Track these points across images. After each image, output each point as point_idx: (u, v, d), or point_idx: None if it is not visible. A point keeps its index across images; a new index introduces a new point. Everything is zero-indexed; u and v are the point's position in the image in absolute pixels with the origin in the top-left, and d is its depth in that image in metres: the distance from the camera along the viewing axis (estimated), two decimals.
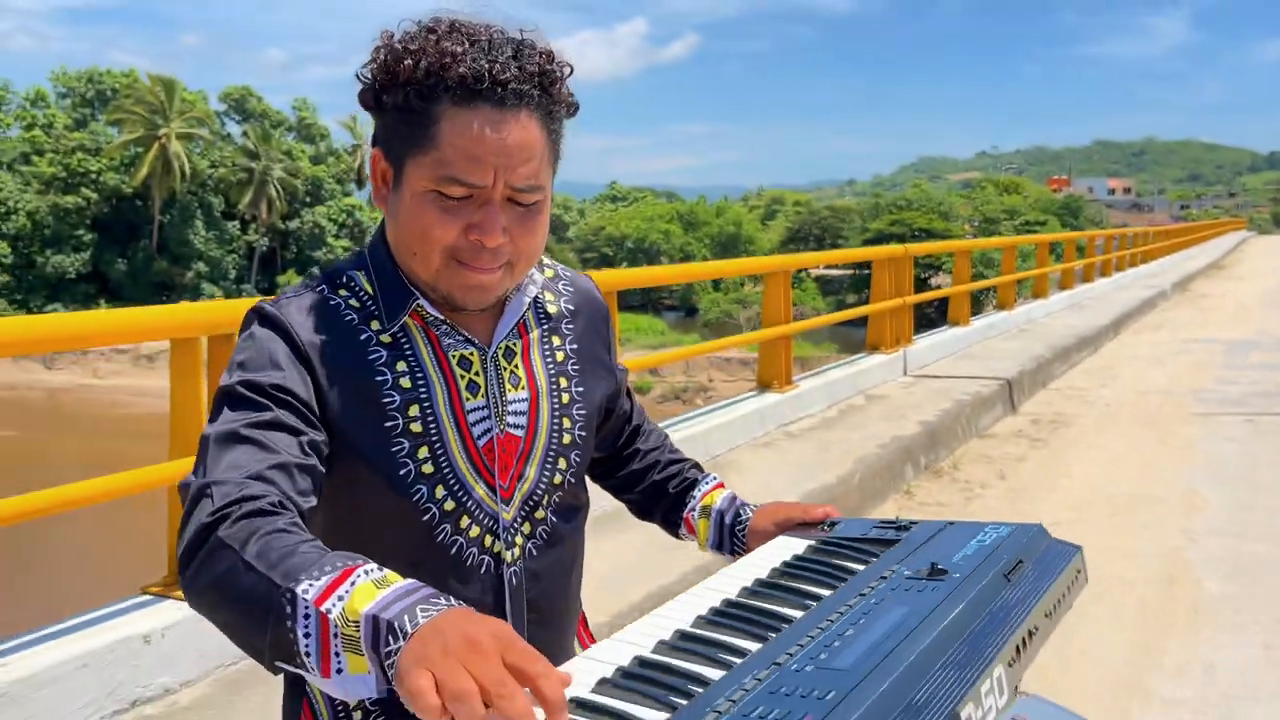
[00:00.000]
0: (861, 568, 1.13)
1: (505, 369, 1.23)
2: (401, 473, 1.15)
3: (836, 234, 70.13)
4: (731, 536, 1.40)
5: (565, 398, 1.27)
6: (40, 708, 2.52)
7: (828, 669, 0.86)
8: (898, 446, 5.97)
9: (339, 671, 0.85)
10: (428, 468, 1.16)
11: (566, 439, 1.26)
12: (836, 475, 5.23)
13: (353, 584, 0.85)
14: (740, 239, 69.71)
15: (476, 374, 1.20)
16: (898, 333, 8.29)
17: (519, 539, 1.22)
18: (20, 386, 46.97)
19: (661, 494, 1.47)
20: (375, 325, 1.18)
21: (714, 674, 0.88)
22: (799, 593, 1.07)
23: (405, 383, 1.17)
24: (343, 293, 1.19)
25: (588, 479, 1.39)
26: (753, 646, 0.94)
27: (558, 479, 1.25)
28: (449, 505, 1.17)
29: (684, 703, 0.83)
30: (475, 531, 1.19)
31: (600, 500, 1.49)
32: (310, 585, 0.86)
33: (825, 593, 1.06)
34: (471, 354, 1.20)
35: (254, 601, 0.88)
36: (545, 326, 1.28)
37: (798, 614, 1.01)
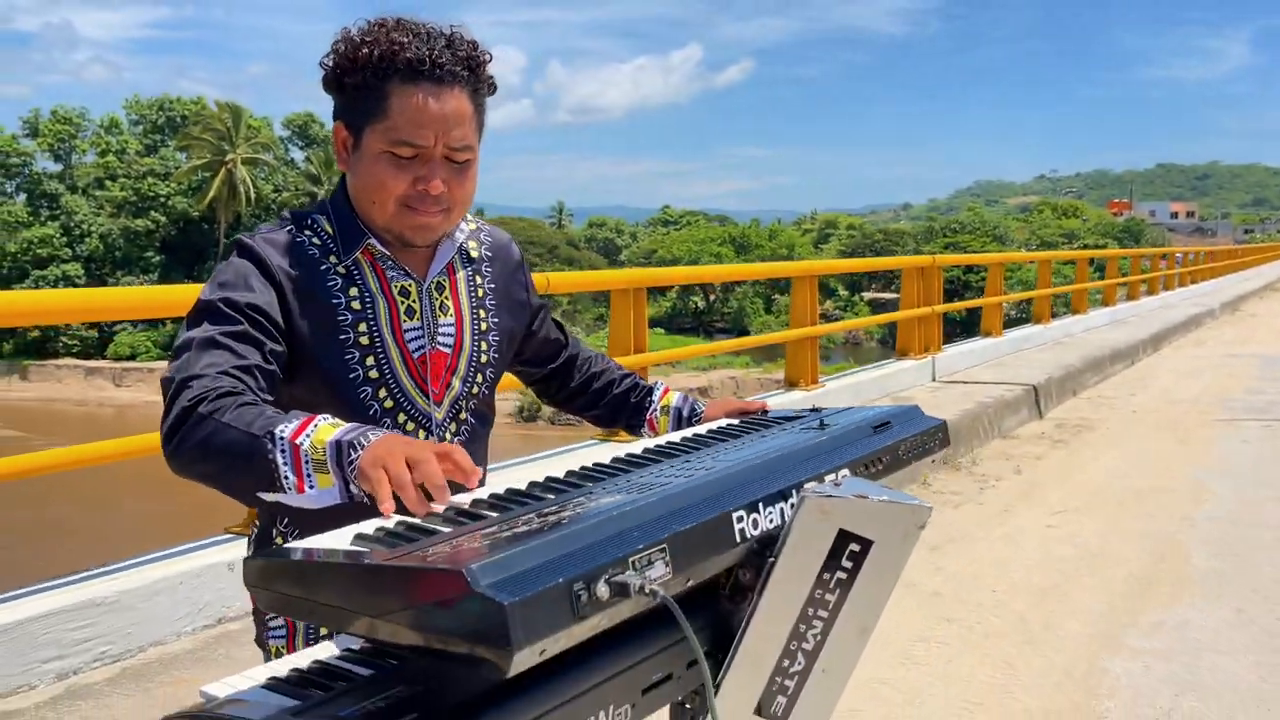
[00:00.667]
0: (763, 430, 1.54)
1: (436, 299, 1.52)
2: (350, 376, 1.44)
3: (890, 257, 69.94)
4: (687, 426, 1.78)
5: (484, 325, 1.58)
6: (147, 615, 2.99)
7: (719, 459, 1.26)
8: None
9: (311, 488, 1.16)
10: (373, 374, 1.45)
11: (484, 358, 1.58)
12: None
13: (316, 425, 1.19)
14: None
15: (414, 301, 1.50)
16: (926, 340, 8.59)
17: (448, 435, 1.53)
18: (90, 403, 48.55)
19: (623, 404, 1.83)
20: (333, 259, 1.46)
21: (605, 480, 1.28)
22: (719, 438, 1.48)
23: (356, 305, 1.46)
24: (307, 232, 1.47)
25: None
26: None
27: (475, 389, 1.57)
28: (389, 404, 1.47)
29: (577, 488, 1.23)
30: (411, 427, 1.49)
31: None
32: (285, 427, 1.18)
33: (743, 437, 1.47)
34: (410, 285, 1.50)
35: (237, 450, 1.18)
36: (469, 268, 1.61)
37: (720, 446, 1.41)
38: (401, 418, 1.49)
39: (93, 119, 60.72)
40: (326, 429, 1.18)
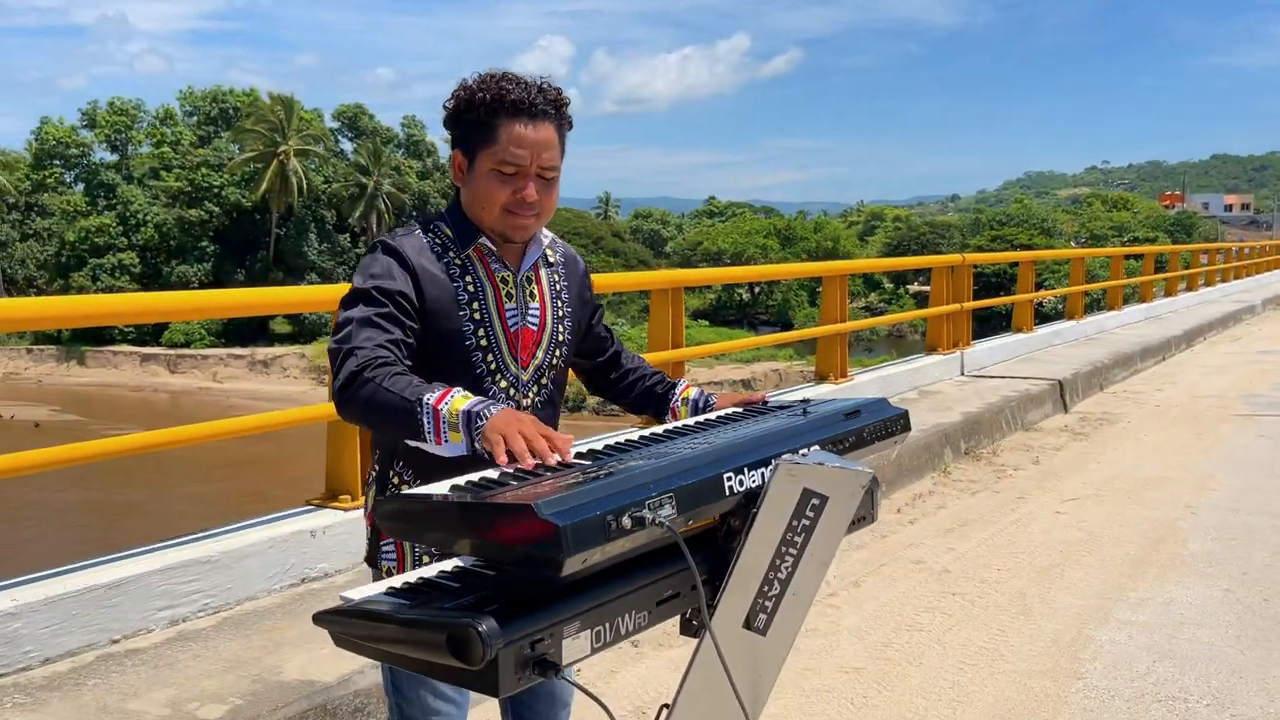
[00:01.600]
0: (759, 416, 1.94)
1: (527, 288, 1.96)
2: (466, 344, 1.87)
3: (935, 249, 69.50)
4: (702, 414, 2.20)
5: (560, 312, 2.04)
6: (241, 574, 3.46)
7: (717, 436, 1.67)
8: (938, 432, 6.66)
9: (445, 441, 1.63)
10: (482, 341, 1.88)
11: (560, 337, 2.02)
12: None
13: (452, 396, 1.65)
14: (838, 254, 69.60)
15: (511, 288, 1.93)
16: (955, 336, 8.91)
17: (531, 394, 1.98)
18: (146, 389, 49.95)
19: (651, 394, 2.24)
20: (452, 254, 1.88)
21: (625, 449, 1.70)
22: (722, 422, 1.89)
23: (470, 288, 1.88)
24: (431, 234, 1.90)
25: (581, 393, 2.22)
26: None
27: (554, 360, 2.02)
28: (492, 365, 1.90)
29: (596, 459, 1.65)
30: (504, 384, 1.91)
31: None
32: (429, 396, 1.65)
33: (739, 422, 1.88)
34: (508, 276, 1.93)
35: (394, 408, 1.63)
36: (549, 269, 2.06)
37: (716, 429, 1.82)
38: (498, 376, 1.93)
39: (148, 110, 62.23)
40: (460, 400, 1.62)
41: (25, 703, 2.77)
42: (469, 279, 1.90)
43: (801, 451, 1.68)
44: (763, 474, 1.58)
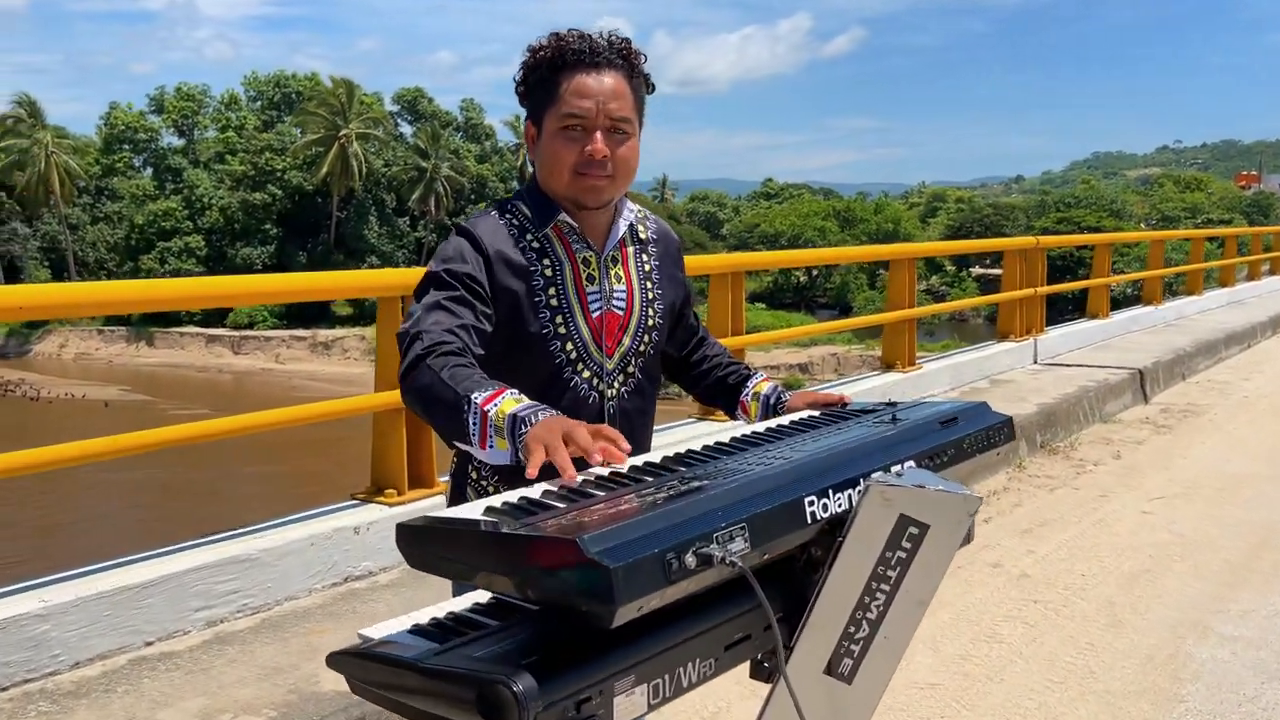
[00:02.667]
0: (842, 421, 1.70)
1: (612, 269, 1.80)
2: (544, 331, 1.71)
3: (999, 232, 67.95)
4: (774, 413, 1.96)
5: (650, 295, 1.85)
6: (283, 572, 3.30)
7: (796, 449, 1.44)
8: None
9: (491, 447, 1.45)
10: (561, 329, 1.73)
11: (650, 321, 1.84)
12: None
13: (503, 398, 1.46)
14: (899, 237, 68.50)
15: (594, 270, 1.77)
16: (1028, 322, 8.53)
17: (616, 384, 1.81)
18: (211, 369, 50.90)
19: (724, 386, 2.04)
20: (529, 236, 1.74)
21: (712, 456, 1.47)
22: (798, 429, 1.65)
23: (548, 272, 1.74)
24: (508, 215, 1.76)
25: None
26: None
27: (642, 347, 1.84)
28: (573, 355, 1.74)
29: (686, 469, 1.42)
30: (587, 374, 1.76)
31: None
32: (479, 395, 1.46)
33: (820, 429, 1.64)
34: (591, 256, 1.77)
35: (445, 403, 1.48)
36: (637, 245, 1.87)
37: (794, 437, 1.59)
38: (580, 365, 1.76)
39: (214, 96, 63.18)
40: (509, 402, 1.44)
41: (50, 711, 2.63)
42: (546, 261, 1.75)
43: (894, 469, 1.44)
44: (850, 496, 1.35)
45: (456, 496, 1.84)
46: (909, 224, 72.43)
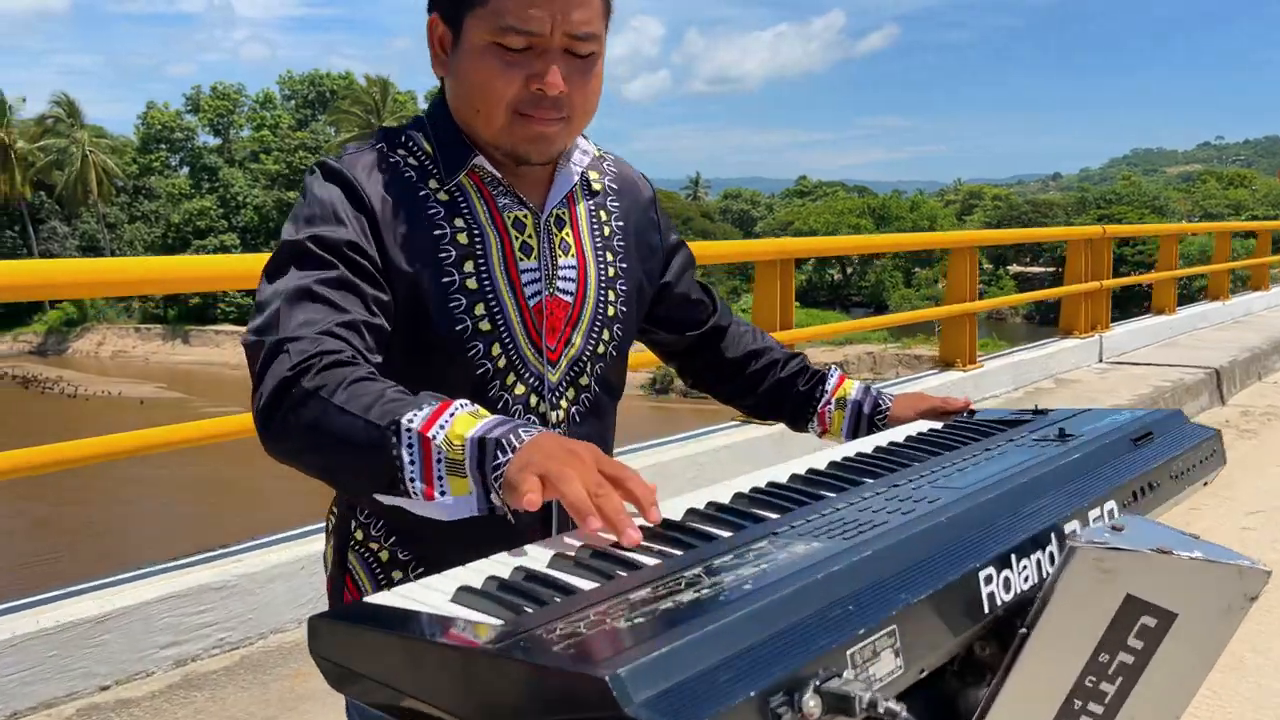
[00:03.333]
0: (985, 438, 1.20)
1: (556, 235, 1.26)
2: (459, 328, 1.18)
3: (1055, 227, 66.88)
4: (870, 425, 1.45)
5: (611, 271, 1.30)
6: (266, 600, 2.84)
7: (942, 486, 0.94)
8: None
9: (443, 493, 0.93)
10: (484, 325, 1.18)
11: (611, 310, 1.29)
12: None
13: (452, 414, 0.95)
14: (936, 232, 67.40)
15: (530, 236, 1.23)
16: (1093, 317, 7.95)
17: (564, 403, 1.25)
18: (244, 367, 50.93)
19: (787, 392, 1.50)
20: (433, 183, 1.20)
21: (828, 493, 0.98)
22: (927, 450, 1.15)
23: (462, 239, 1.19)
24: (401, 152, 1.22)
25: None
26: (871, 480, 1.03)
27: (601, 348, 1.29)
28: (501, 363, 1.20)
29: (788, 510, 0.93)
30: (521, 390, 1.22)
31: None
32: (414, 416, 0.94)
33: (946, 453, 1.14)
34: (526, 216, 1.23)
35: (351, 440, 0.96)
36: (591, 201, 1.32)
37: (916, 464, 1.09)
38: (511, 378, 1.22)
39: (249, 95, 63.37)
40: (465, 420, 0.95)
41: None
42: (460, 223, 1.21)
43: (1094, 516, 0.94)
44: (1039, 563, 0.85)
45: (338, 570, 1.30)
46: (945, 222, 71.29)
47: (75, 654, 2.50)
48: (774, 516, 0.89)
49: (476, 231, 1.20)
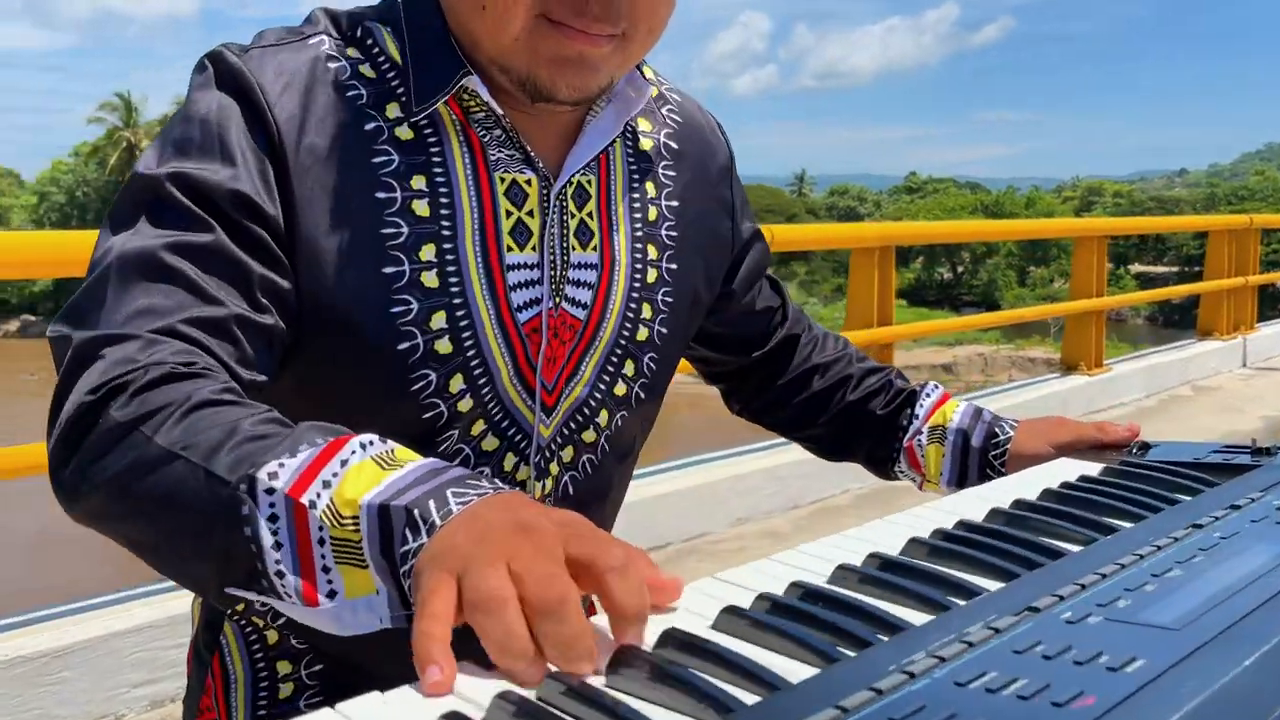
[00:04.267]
0: (1190, 498, 0.70)
1: (573, 216, 0.84)
2: (402, 346, 0.77)
3: (1195, 216, 64.01)
4: (983, 466, 0.97)
5: (651, 274, 0.88)
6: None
7: (1130, 623, 0.46)
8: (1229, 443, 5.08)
9: (330, 595, 0.56)
10: (443, 345, 0.78)
11: (643, 334, 0.87)
12: None
13: (344, 463, 0.57)
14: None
15: (530, 213, 0.81)
16: (1237, 317, 7.16)
17: (554, 468, 0.85)
18: None
19: (863, 418, 1.05)
20: (394, 110, 0.79)
21: (917, 617, 0.51)
22: (1087, 523, 0.66)
23: (422, 208, 0.78)
24: (352, 53, 0.81)
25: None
26: (992, 585, 0.55)
27: (621, 388, 0.87)
28: (464, 403, 0.79)
29: (853, 653, 0.47)
30: (492, 444, 0.82)
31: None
32: (279, 467, 0.57)
33: (1128, 525, 0.65)
34: (529, 182, 0.81)
35: (184, 506, 0.59)
36: (635, 167, 0.88)
37: (1075, 548, 0.61)
38: (480, 428, 0.79)
39: None
40: (364, 472, 0.57)
41: None
42: (421, 182, 0.78)
43: None
44: None
45: (206, 643, 0.91)
46: (1062, 218, 68.78)
47: (30, 694, 2.16)
48: (904, 625, 0.43)
49: (445, 197, 0.79)
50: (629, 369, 0.87)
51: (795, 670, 0.46)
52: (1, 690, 2.12)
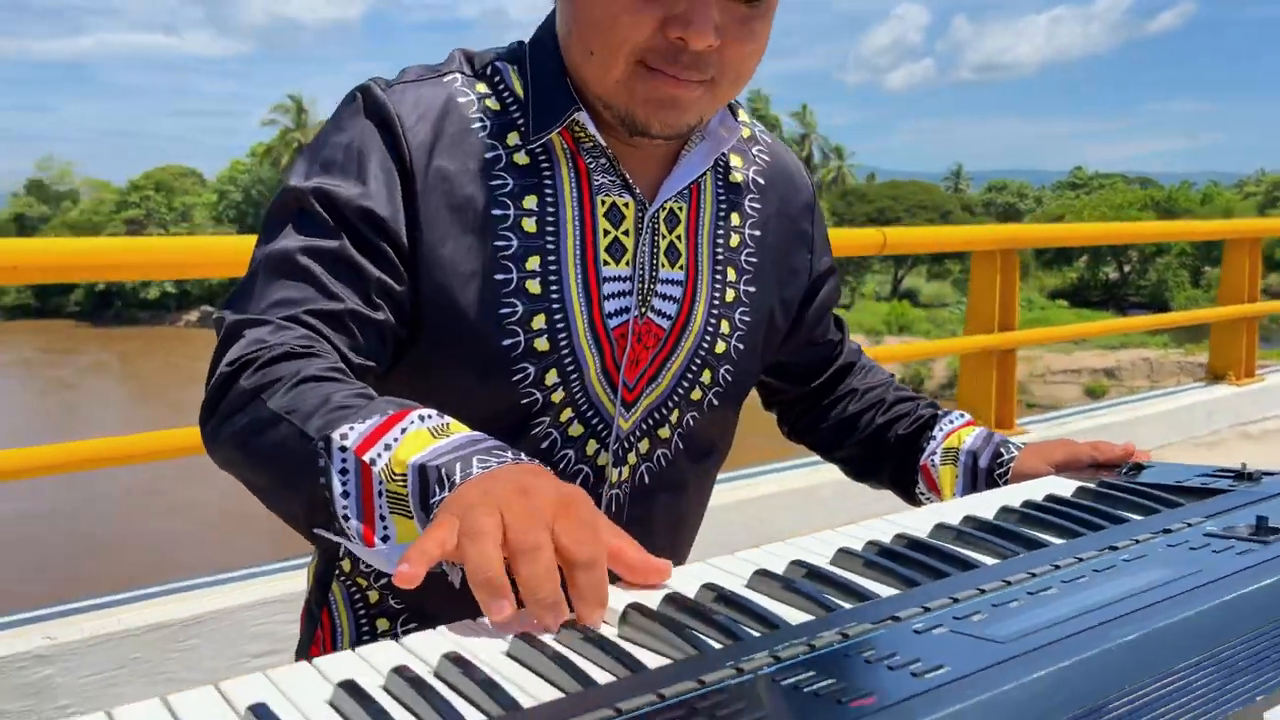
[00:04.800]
0: (1141, 518, 0.72)
1: (664, 238, 0.96)
2: (507, 343, 0.90)
3: None
4: (989, 485, 1.01)
5: (730, 294, 1.00)
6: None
7: (968, 635, 0.50)
8: None
9: (385, 539, 0.69)
10: (541, 343, 0.91)
11: (721, 346, 0.99)
12: None
13: (403, 430, 0.69)
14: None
15: (626, 233, 0.94)
16: None
17: (632, 457, 0.97)
18: None
19: (887, 440, 1.12)
20: (513, 139, 0.93)
21: (798, 618, 0.56)
22: (1017, 538, 0.69)
23: (529, 225, 0.91)
24: (481, 88, 0.94)
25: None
26: (887, 592, 0.59)
27: (697, 394, 0.98)
28: (557, 395, 0.92)
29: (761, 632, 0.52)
30: (577, 431, 0.94)
31: None
32: (350, 430, 0.70)
33: (1058, 541, 0.67)
34: (627, 205, 0.94)
35: (285, 457, 0.73)
36: (724, 196, 1.00)
37: (991, 561, 0.64)
38: (568, 415, 0.92)
39: None
40: (416, 439, 0.69)
41: None
42: (532, 203, 0.92)
43: None
44: None
45: (316, 599, 1.05)
46: (1244, 216, 64.58)
47: (159, 658, 2.36)
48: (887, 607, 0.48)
49: (551, 215, 0.92)
50: (706, 377, 0.99)
51: (656, 660, 0.52)
52: (138, 654, 2.33)
